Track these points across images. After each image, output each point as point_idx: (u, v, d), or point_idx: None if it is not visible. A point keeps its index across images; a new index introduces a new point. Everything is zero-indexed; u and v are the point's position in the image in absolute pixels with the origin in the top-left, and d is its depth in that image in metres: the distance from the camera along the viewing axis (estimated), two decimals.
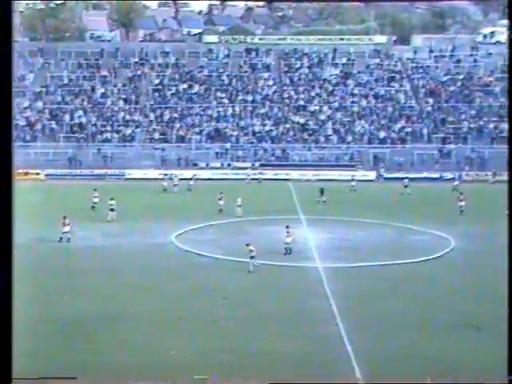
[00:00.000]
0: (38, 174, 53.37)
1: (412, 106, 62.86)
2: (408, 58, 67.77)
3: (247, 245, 26.39)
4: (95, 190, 39.52)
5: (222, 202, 37.99)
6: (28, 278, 23.65)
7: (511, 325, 5.72)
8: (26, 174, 53.04)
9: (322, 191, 41.55)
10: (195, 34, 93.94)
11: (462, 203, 38.24)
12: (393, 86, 64.62)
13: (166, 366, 16.71)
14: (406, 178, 47.83)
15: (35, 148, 56.75)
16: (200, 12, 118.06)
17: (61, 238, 30.33)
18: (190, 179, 47.31)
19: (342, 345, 18.27)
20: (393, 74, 65.87)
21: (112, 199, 35.51)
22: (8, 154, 4.83)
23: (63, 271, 25.94)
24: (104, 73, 65.06)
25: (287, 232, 29.23)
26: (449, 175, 52.65)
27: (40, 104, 61.58)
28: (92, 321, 20.12)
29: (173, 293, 23.32)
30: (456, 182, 47.34)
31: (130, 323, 20.07)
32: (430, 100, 63.13)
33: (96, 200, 38.33)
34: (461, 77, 64.75)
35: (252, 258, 26.14)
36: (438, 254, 29.44)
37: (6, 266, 4.93)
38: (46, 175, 53.28)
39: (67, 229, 30.37)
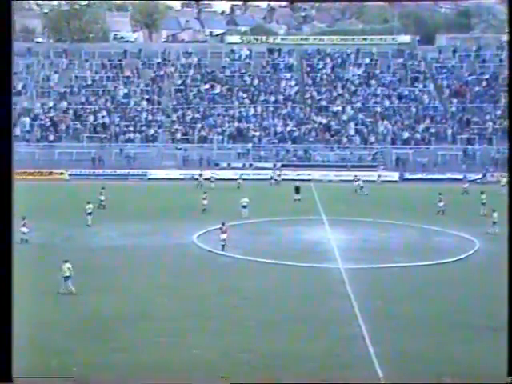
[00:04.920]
0: (61, 173, 53.92)
1: (436, 107, 62.22)
2: (432, 58, 67.09)
3: (65, 261, 22.73)
4: (103, 188, 39.72)
5: (205, 202, 37.89)
6: (51, 277, 23.95)
7: (511, 325, 5.60)
8: (51, 173, 53.69)
9: (297, 189, 41.97)
10: (218, 35, 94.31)
11: (441, 203, 37.94)
12: (416, 87, 64.03)
13: (189, 366, 16.69)
14: (359, 179, 47.05)
15: (59, 148, 57.36)
16: (222, 12, 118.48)
17: (24, 239, 29.29)
18: (237, 179, 47.77)
19: (364, 346, 18.09)
20: (416, 75, 65.26)
21: (89, 203, 34.81)
22: (8, 154, 4.80)
23: (86, 270, 26.07)
24: (127, 73, 65.50)
25: (221, 229, 29.26)
26: (473, 176, 52.00)
27: (64, 104, 62.20)
28: (115, 320, 20.20)
29: (194, 293, 23.33)
30: (465, 184, 46.39)
31: (152, 322, 20.12)
32: (455, 100, 62.45)
33: (102, 198, 38.45)
34: (486, 77, 63.92)
35: (66, 278, 22.39)
36: (463, 256, 29.06)
37: (6, 266, 4.90)
38: (70, 175, 53.79)
39: (25, 230, 29.65)
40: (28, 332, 19.04)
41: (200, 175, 49.26)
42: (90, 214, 34.49)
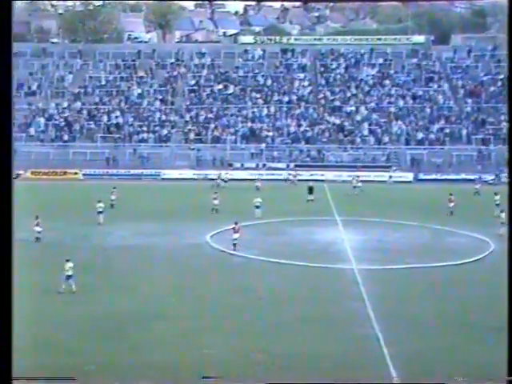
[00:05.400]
0: (75, 173, 54.19)
1: (451, 107, 61.81)
2: (447, 58, 66.67)
3: (67, 260, 22.72)
4: (114, 187, 39.96)
5: (216, 202, 37.91)
6: (63, 276, 24.00)
7: (511, 325, 5.52)
8: (65, 173, 54.01)
9: (310, 190, 42.09)
10: (231, 35, 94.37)
11: (452, 204, 37.82)
12: (431, 87, 63.65)
13: (201, 366, 16.65)
14: (358, 176, 47.29)
15: (73, 148, 57.67)
16: (236, 13, 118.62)
17: (37, 238, 29.95)
18: (256, 179, 48.25)
19: (378, 347, 17.97)
20: (431, 75, 64.89)
21: (99, 202, 35.00)
22: (8, 154, 4.79)
23: (100, 270, 26.18)
24: (141, 74, 65.73)
25: (234, 228, 29.44)
26: (487, 177, 51.56)
27: (78, 104, 62.52)
28: (128, 319, 20.22)
29: (207, 292, 23.31)
30: (478, 185, 46.08)
31: (165, 322, 20.11)
32: (470, 100, 61.98)
33: (113, 197, 38.72)
34: (501, 77, 63.37)
35: (68, 277, 22.40)
36: (477, 257, 28.79)
37: (6, 265, 4.88)
38: (84, 175, 54.04)
39: (38, 229, 30.07)
40: (40, 331, 19.14)
41: (219, 175, 49.50)
42: (100, 212, 34.73)
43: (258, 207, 36.58)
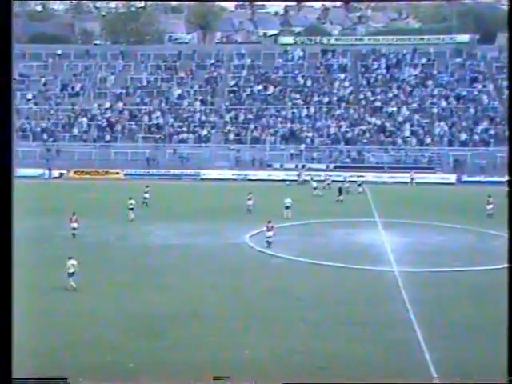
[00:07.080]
0: (117, 173, 54.92)
1: (496, 108, 60.36)
2: (492, 58, 65.13)
3: (69, 258, 22.69)
4: (147, 186, 40.30)
5: (250, 202, 37.79)
6: (105, 275, 24.34)
7: (511, 325, 5.27)
8: (107, 173, 54.81)
9: (340, 190, 42.67)
10: (271, 36, 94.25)
11: (490, 206, 37.08)
12: (475, 87, 62.30)
13: (240, 366, 16.57)
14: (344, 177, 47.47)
15: (115, 148, 58.45)
16: (276, 13, 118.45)
17: (74, 234, 30.65)
18: (285, 180, 50.09)
19: (419, 351, 17.60)
20: (476, 75, 63.52)
21: (131, 198, 35.65)
22: (8, 154, 4.76)
23: (139, 268, 26.39)
24: (181, 74, 66.21)
25: (267, 227, 29.85)
26: None
27: (120, 105, 63.34)
28: (167, 318, 20.31)
29: (246, 293, 23.26)
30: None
31: (203, 322, 20.14)
32: None
33: (147, 195, 39.07)
34: None
35: (71, 275, 22.38)
36: None
37: (6, 265, 4.86)
38: (125, 175, 54.71)
39: (75, 225, 30.76)
40: (81, 329, 19.34)
41: (311, 178, 48.48)
42: (131, 209, 35.48)
43: (287, 207, 36.40)
